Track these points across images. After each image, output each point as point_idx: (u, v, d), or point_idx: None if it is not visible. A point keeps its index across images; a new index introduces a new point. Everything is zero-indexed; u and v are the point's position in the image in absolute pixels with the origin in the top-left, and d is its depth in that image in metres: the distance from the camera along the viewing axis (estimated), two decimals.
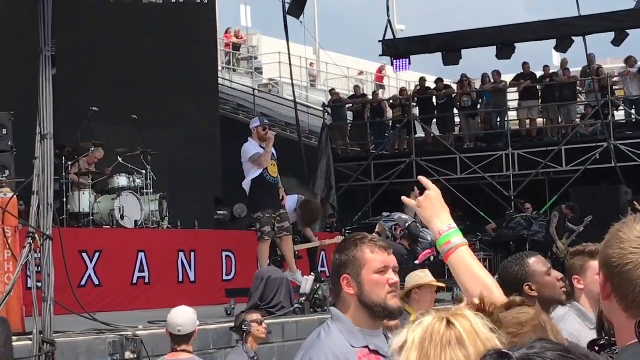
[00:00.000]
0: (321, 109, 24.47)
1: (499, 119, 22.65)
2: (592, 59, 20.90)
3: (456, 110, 22.85)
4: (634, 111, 21.45)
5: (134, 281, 12.63)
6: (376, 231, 13.27)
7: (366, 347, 3.26)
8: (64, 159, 13.27)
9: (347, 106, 23.83)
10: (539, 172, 21.10)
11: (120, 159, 14.15)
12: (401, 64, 20.47)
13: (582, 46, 19.39)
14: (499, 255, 18.32)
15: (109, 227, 13.09)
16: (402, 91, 24.90)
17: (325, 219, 19.13)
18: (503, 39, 19.76)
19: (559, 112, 22.00)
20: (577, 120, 22.09)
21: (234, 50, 29.73)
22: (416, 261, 12.65)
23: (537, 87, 22.22)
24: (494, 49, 19.89)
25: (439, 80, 23.15)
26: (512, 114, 23.07)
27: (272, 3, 19.53)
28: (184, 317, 7.01)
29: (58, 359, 7.82)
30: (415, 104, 23.11)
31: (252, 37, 32.18)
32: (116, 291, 12.29)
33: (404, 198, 3.28)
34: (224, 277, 13.87)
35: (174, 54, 17.96)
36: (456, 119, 23.20)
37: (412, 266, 11.16)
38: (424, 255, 12.88)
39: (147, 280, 12.75)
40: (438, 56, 20.09)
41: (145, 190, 13.91)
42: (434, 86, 23.12)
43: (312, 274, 12.15)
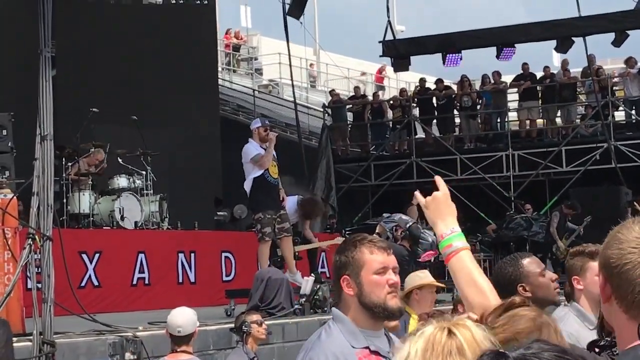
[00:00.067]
0: (321, 109, 24.46)
1: (499, 120, 22.64)
2: (592, 59, 20.90)
3: (456, 111, 22.86)
4: (634, 112, 21.44)
5: (134, 282, 12.62)
6: (376, 232, 13.25)
7: (367, 347, 3.26)
8: (64, 159, 13.28)
9: (347, 107, 23.82)
10: (539, 172, 21.09)
11: (120, 159, 14.15)
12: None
13: (582, 47, 19.40)
14: (499, 256, 18.28)
15: (109, 228, 13.09)
16: (402, 92, 24.88)
17: (325, 218, 19.12)
18: (503, 40, 19.74)
19: (559, 112, 22.01)
20: (577, 120, 22.09)
21: (234, 51, 29.71)
22: (419, 259, 12.65)
23: (537, 87, 22.22)
24: (494, 49, 19.88)
25: (439, 81, 23.16)
26: (512, 115, 23.07)
27: (272, 4, 19.52)
28: (183, 318, 7.01)
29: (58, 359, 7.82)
30: (416, 105, 23.11)
31: (252, 38, 32.16)
32: (116, 292, 12.28)
33: (416, 193, 3.26)
34: (224, 278, 13.86)
35: (173, 54, 17.96)
36: (456, 120, 23.20)
37: (413, 267, 11.14)
38: (426, 256, 12.88)
39: (147, 281, 12.75)
40: (438, 57, 20.08)
41: (145, 191, 13.92)
42: (434, 87, 23.13)
43: (312, 274, 12.13)
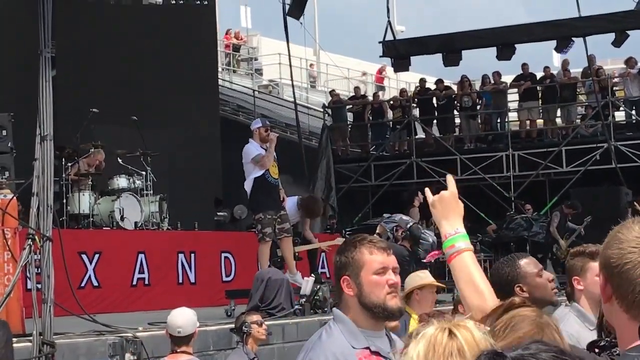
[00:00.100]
0: (321, 110, 24.46)
1: (499, 120, 22.64)
2: (593, 60, 20.90)
3: (456, 111, 22.85)
4: (634, 112, 21.45)
5: (134, 282, 12.60)
6: (377, 232, 13.24)
7: (367, 348, 3.26)
8: (63, 160, 13.27)
9: (347, 107, 23.82)
10: (539, 173, 21.08)
11: (120, 160, 14.14)
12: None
13: (582, 47, 19.40)
14: (499, 257, 18.23)
15: (108, 228, 13.08)
16: (402, 92, 24.88)
17: (325, 219, 19.11)
18: (503, 40, 19.74)
19: (559, 112, 22.01)
20: (578, 121, 22.09)
21: (234, 51, 29.70)
22: (423, 260, 12.65)
23: (537, 88, 22.22)
24: (494, 50, 19.87)
25: (439, 81, 23.16)
26: (513, 115, 23.07)
27: (272, 4, 19.52)
28: (183, 318, 7.00)
29: None
30: (416, 105, 23.11)
31: (252, 38, 32.15)
32: (116, 292, 12.27)
33: (426, 190, 3.25)
34: (224, 279, 13.84)
35: (173, 55, 17.96)
36: (456, 120, 23.20)
37: (414, 267, 11.13)
38: (431, 256, 12.89)
39: (147, 282, 12.73)
40: (438, 57, 20.07)
41: (145, 192, 13.90)
42: (434, 87, 23.12)
43: (312, 275, 12.11)
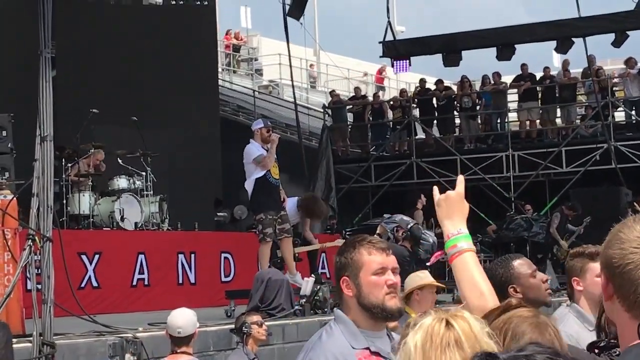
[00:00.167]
0: (321, 110, 24.46)
1: (499, 120, 22.65)
2: (593, 60, 20.90)
3: (456, 112, 22.85)
4: (634, 112, 21.45)
5: (134, 283, 12.60)
6: (377, 233, 13.25)
7: (367, 348, 3.26)
8: (63, 160, 13.27)
9: (347, 107, 23.82)
10: (539, 173, 21.09)
11: (120, 160, 14.14)
12: (401, 65, 20.43)
13: (582, 47, 19.40)
14: (499, 257, 18.28)
15: (108, 229, 13.08)
16: (403, 92, 24.88)
17: (325, 219, 19.10)
18: (503, 40, 19.75)
19: (559, 112, 22.01)
20: (577, 121, 22.09)
21: (234, 51, 29.70)
22: (428, 263, 12.66)
23: (536, 88, 22.21)
24: (494, 50, 19.88)
25: (439, 82, 23.16)
26: (512, 115, 23.07)
27: (272, 4, 19.52)
28: (183, 318, 7.00)
29: None
30: (416, 105, 23.11)
31: (252, 39, 32.15)
32: (116, 293, 12.27)
33: (434, 188, 3.24)
34: (224, 279, 13.84)
35: (173, 55, 17.96)
36: (456, 120, 23.20)
37: (414, 267, 11.13)
38: (435, 257, 12.90)
39: (147, 282, 12.73)
40: (438, 57, 20.08)
41: (145, 192, 13.90)
42: (434, 87, 23.12)
43: (312, 275, 12.11)
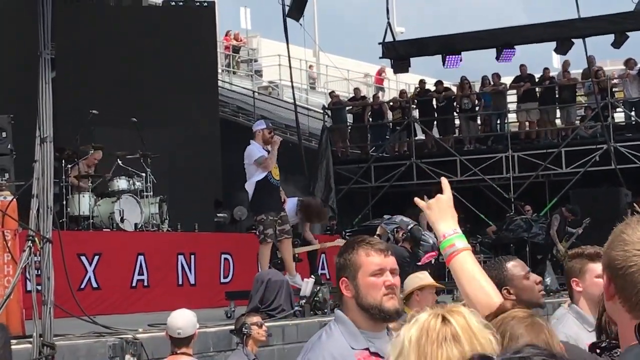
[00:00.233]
0: (321, 111, 24.46)
1: (498, 121, 22.65)
2: (592, 61, 20.90)
3: (456, 113, 22.86)
4: (633, 113, 21.45)
5: (134, 284, 12.60)
6: (377, 234, 13.25)
7: (366, 349, 3.26)
8: (63, 161, 13.26)
9: (347, 108, 23.83)
10: (538, 174, 21.09)
11: (120, 161, 14.13)
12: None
13: (582, 48, 19.40)
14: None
15: (108, 230, 13.07)
16: (402, 93, 24.89)
17: (325, 219, 19.10)
18: (503, 41, 19.74)
19: (558, 113, 22.01)
20: (577, 122, 22.09)
21: (234, 52, 29.71)
22: (419, 262, 12.64)
23: (535, 89, 22.21)
24: (493, 51, 19.87)
25: (438, 83, 23.17)
26: (512, 116, 23.07)
27: (272, 5, 19.50)
28: (183, 319, 7.00)
29: None
30: (415, 106, 23.12)
31: (251, 40, 32.17)
32: (116, 294, 12.26)
33: (416, 199, 3.27)
34: (224, 280, 13.84)
35: (173, 55, 17.97)
36: (456, 121, 23.20)
37: (414, 268, 11.13)
38: (426, 258, 12.89)
39: (147, 283, 12.72)
40: (438, 58, 20.07)
41: (145, 193, 13.90)
42: (434, 88, 23.12)
43: (312, 276, 12.11)
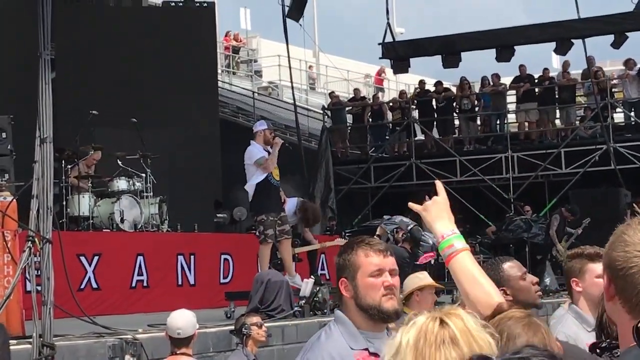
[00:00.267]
0: (321, 111, 24.46)
1: (498, 122, 22.65)
2: (592, 61, 20.90)
3: (456, 113, 22.85)
4: (633, 113, 21.44)
5: (133, 284, 12.60)
6: (377, 234, 13.28)
7: (366, 349, 3.26)
8: (63, 162, 13.26)
9: (346, 109, 23.83)
10: (538, 174, 21.09)
11: (119, 162, 14.13)
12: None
13: (581, 49, 19.41)
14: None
15: (108, 230, 13.07)
16: (402, 94, 24.89)
17: (325, 220, 19.11)
18: (502, 42, 19.75)
19: (558, 114, 22.01)
20: (577, 122, 22.09)
21: (234, 53, 29.71)
22: (417, 262, 12.66)
23: (535, 89, 22.20)
24: (493, 51, 19.88)
25: (438, 83, 23.16)
26: (512, 117, 23.07)
27: (272, 6, 19.53)
28: (183, 320, 7.00)
29: None
30: (415, 107, 23.11)
31: (251, 40, 32.18)
32: (115, 294, 12.27)
33: (410, 204, 3.28)
34: (223, 280, 13.84)
35: (173, 56, 17.98)
36: (456, 122, 23.20)
37: (414, 269, 11.15)
38: (425, 258, 12.90)
39: (146, 284, 12.72)
40: (437, 59, 20.08)
41: (145, 194, 13.89)
42: (434, 89, 23.12)
43: (311, 276, 12.11)
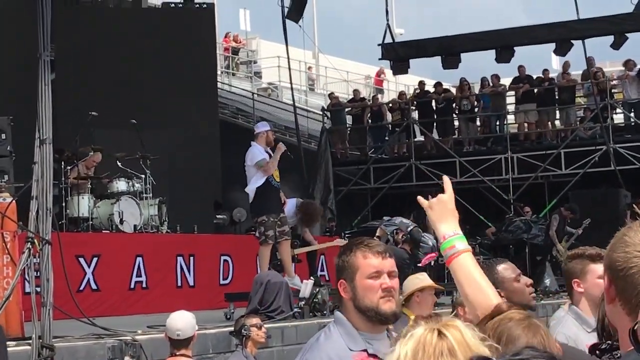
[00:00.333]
0: (320, 112, 24.45)
1: (497, 123, 22.65)
2: (592, 62, 20.90)
3: (455, 114, 22.85)
4: (632, 114, 21.44)
5: (133, 286, 12.59)
6: (377, 235, 13.26)
7: (365, 350, 3.26)
8: (63, 163, 13.26)
9: (346, 110, 23.83)
10: (538, 175, 21.09)
11: (119, 163, 14.13)
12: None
13: (581, 49, 19.41)
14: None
15: (107, 231, 13.07)
16: (401, 95, 24.88)
17: (324, 221, 19.10)
18: (502, 43, 19.75)
19: (557, 115, 22.01)
20: (577, 123, 22.09)
21: (233, 54, 29.71)
22: (419, 264, 12.64)
23: (534, 90, 22.20)
24: (493, 52, 19.88)
25: (437, 84, 23.16)
26: (511, 118, 23.06)
27: (271, 7, 19.52)
28: (183, 321, 6.99)
29: None
30: (415, 108, 23.11)
31: (251, 41, 32.18)
32: (115, 296, 12.26)
33: (419, 197, 3.26)
34: (223, 282, 13.84)
35: (173, 57, 17.98)
36: (455, 123, 23.20)
37: (414, 270, 11.14)
38: (426, 259, 12.90)
39: (145, 285, 12.71)
40: (437, 60, 20.08)
41: (144, 195, 13.89)
42: (433, 90, 23.12)
43: (311, 277, 12.10)
